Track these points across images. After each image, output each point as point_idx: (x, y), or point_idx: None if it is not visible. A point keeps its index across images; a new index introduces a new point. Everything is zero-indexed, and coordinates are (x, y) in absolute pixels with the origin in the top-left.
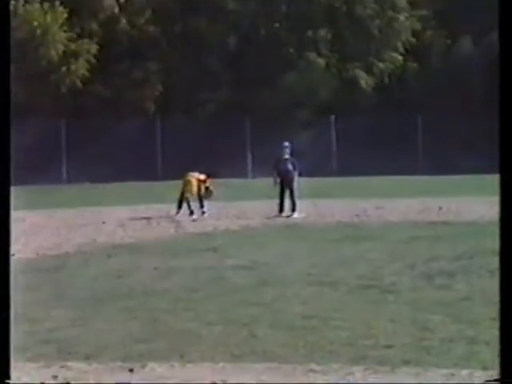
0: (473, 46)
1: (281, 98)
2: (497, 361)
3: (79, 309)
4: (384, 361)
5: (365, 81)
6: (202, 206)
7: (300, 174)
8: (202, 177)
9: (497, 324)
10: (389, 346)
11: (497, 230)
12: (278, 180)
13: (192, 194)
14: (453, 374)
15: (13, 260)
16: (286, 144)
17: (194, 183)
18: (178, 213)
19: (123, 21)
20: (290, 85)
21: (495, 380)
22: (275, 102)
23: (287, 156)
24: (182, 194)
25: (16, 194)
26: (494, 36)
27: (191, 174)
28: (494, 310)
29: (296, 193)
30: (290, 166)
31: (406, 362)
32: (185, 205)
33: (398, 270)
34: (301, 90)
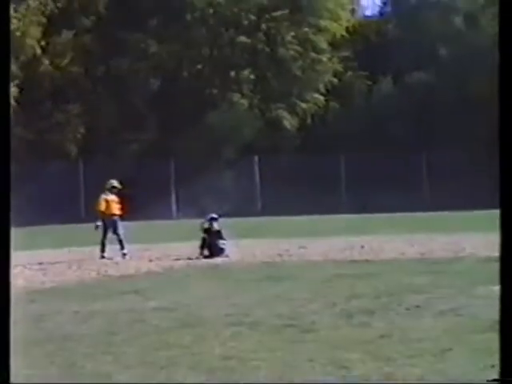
0: (393, 86)
1: (204, 139)
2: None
3: None
4: None
5: (288, 121)
6: (122, 248)
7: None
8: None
9: (412, 361)
10: None
11: (416, 267)
12: (207, 253)
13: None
14: None
15: None
16: (215, 216)
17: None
18: (102, 256)
19: (45, 62)
20: (214, 125)
21: (495, 380)
22: (199, 142)
23: (217, 227)
24: (105, 235)
25: None
26: (414, 76)
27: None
28: (411, 348)
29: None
30: (221, 243)
31: None
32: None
33: (318, 309)
34: (224, 130)
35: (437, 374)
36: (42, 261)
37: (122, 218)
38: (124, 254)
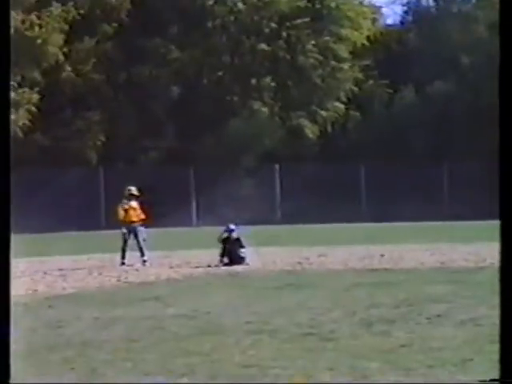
0: (415, 95)
1: (225, 146)
2: None
3: (12, 361)
4: None
5: (309, 129)
6: (142, 255)
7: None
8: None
9: (432, 371)
10: None
11: (436, 277)
12: (227, 260)
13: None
14: None
15: None
16: (233, 227)
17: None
18: (123, 263)
19: (68, 69)
20: (234, 133)
21: (495, 380)
22: (219, 150)
23: (235, 236)
24: (125, 242)
25: None
26: (436, 85)
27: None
28: (430, 357)
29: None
30: (241, 252)
31: None
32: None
33: (338, 318)
34: (245, 138)
35: None
36: (62, 267)
37: (146, 224)
38: (144, 261)
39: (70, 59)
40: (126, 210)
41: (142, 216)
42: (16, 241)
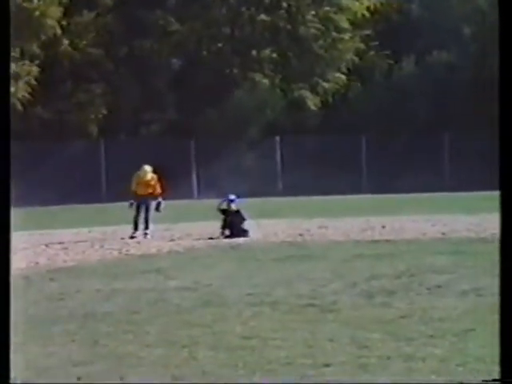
0: (415, 66)
1: (226, 119)
2: (432, 376)
3: (16, 333)
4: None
5: (311, 101)
6: (146, 228)
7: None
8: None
9: (433, 341)
10: (327, 365)
11: (437, 248)
12: (228, 233)
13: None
14: None
15: None
16: (233, 197)
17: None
18: (134, 234)
19: (65, 42)
20: (235, 105)
21: (495, 380)
22: (220, 122)
23: (234, 208)
24: (138, 213)
25: None
26: (437, 55)
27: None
28: (431, 328)
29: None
30: (244, 225)
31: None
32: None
33: (339, 289)
34: (246, 110)
35: (458, 354)
36: (63, 240)
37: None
38: (146, 234)
39: (69, 32)
40: (137, 183)
41: (154, 190)
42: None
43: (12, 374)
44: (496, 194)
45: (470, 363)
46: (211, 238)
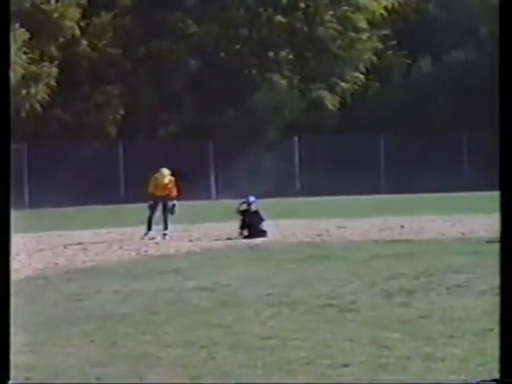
0: (433, 65)
1: (244, 119)
2: (452, 377)
3: (35, 334)
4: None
5: (329, 101)
6: (165, 228)
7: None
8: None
9: (453, 341)
10: (346, 365)
11: (456, 248)
12: (246, 233)
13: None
14: None
15: None
16: (252, 199)
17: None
18: (147, 234)
19: (84, 43)
20: (254, 106)
21: (495, 380)
22: (238, 123)
23: (254, 208)
24: (152, 213)
25: None
26: (453, 55)
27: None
28: (451, 328)
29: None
30: (262, 225)
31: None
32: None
33: (358, 289)
34: (264, 111)
35: (478, 354)
36: (82, 241)
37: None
38: (164, 235)
39: (87, 33)
40: (155, 185)
41: (170, 193)
42: (36, 215)
43: (25, 375)
44: None
45: (490, 363)
46: (229, 239)
